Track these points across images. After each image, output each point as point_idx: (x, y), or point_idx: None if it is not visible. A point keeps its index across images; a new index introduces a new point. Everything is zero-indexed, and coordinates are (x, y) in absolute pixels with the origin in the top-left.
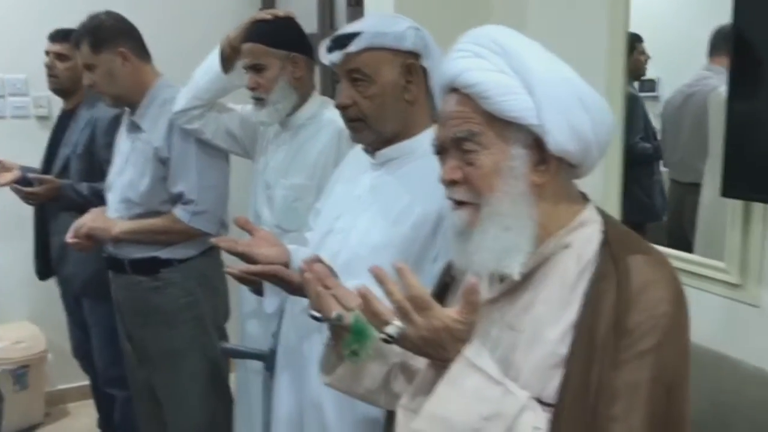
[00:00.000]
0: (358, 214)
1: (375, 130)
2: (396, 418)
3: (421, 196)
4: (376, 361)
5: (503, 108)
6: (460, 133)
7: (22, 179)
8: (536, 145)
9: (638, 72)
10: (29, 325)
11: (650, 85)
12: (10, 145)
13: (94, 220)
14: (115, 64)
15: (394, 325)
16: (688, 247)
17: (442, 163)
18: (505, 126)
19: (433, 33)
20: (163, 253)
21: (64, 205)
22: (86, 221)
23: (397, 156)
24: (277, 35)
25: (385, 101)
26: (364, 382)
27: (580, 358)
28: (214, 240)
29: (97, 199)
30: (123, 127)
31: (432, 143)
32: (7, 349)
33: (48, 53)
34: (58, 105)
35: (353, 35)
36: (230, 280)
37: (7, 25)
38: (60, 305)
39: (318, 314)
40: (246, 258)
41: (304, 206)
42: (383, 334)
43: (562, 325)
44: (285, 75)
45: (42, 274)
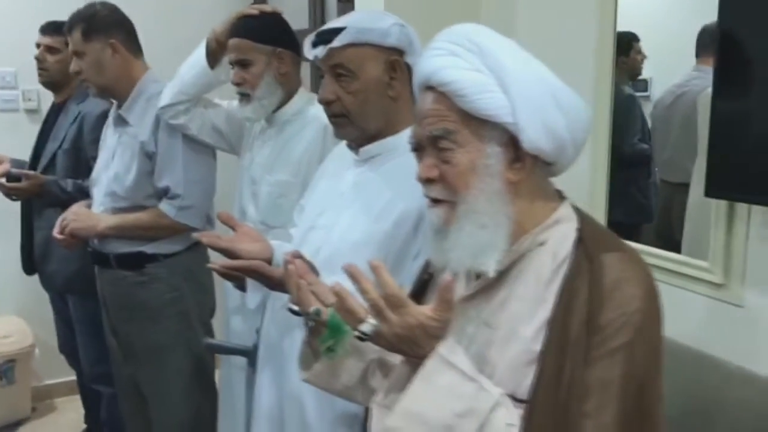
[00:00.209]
0: (340, 211)
1: (358, 126)
2: (370, 415)
3: (403, 193)
4: (353, 358)
5: (478, 106)
6: (435, 131)
7: (8, 174)
8: (511, 143)
9: (634, 72)
10: (17, 320)
11: (643, 85)
12: None
13: (77, 219)
14: (104, 54)
15: (369, 323)
16: (676, 247)
17: (419, 161)
18: (480, 124)
19: (422, 31)
20: (148, 248)
21: (48, 201)
22: (69, 219)
23: (380, 152)
24: (263, 31)
25: (369, 97)
26: (341, 378)
27: (552, 355)
28: (197, 235)
29: (82, 196)
30: (110, 121)
31: (409, 141)
32: None
33: (38, 46)
34: (48, 98)
35: (337, 30)
36: (216, 276)
37: None
38: (48, 300)
39: (296, 308)
40: (228, 253)
41: (288, 202)
42: (357, 332)
43: (536, 322)
44: (271, 71)
45: (28, 269)
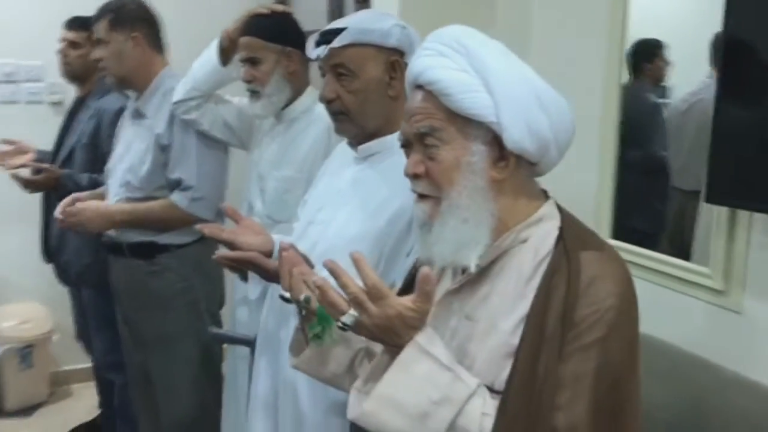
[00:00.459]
0: (338, 207)
1: (357, 124)
2: (348, 400)
3: (400, 191)
4: (341, 346)
5: (463, 105)
6: (422, 128)
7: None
8: (496, 142)
9: (658, 79)
10: (37, 306)
11: (664, 92)
12: (23, 129)
13: (90, 220)
14: (125, 46)
15: (350, 315)
16: (687, 255)
17: (407, 157)
18: (465, 123)
19: None
20: (160, 239)
21: (63, 194)
22: (81, 212)
23: (379, 150)
24: (273, 30)
25: (368, 96)
26: (329, 366)
27: (528, 349)
28: (200, 226)
29: None
30: (126, 114)
31: (398, 137)
32: (14, 328)
33: (62, 40)
34: (72, 92)
35: (339, 30)
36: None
37: (24, 12)
38: (68, 289)
39: (287, 295)
40: (230, 245)
41: (293, 198)
42: (339, 323)
43: (515, 317)
44: (280, 69)
45: (48, 257)
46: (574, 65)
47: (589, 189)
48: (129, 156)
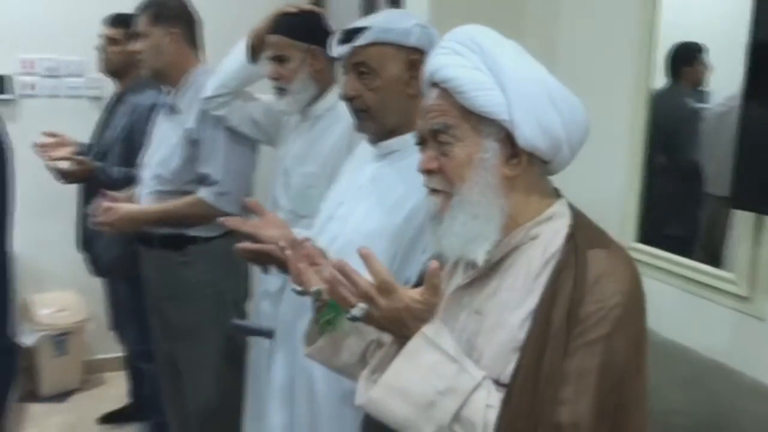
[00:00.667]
0: (357, 203)
1: (377, 122)
2: (357, 388)
3: (417, 188)
4: (354, 337)
5: (476, 103)
6: (436, 125)
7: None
8: (508, 140)
9: (697, 83)
10: (72, 295)
11: (702, 97)
12: (65, 122)
13: (119, 221)
14: (164, 41)
15: (359, 307)
16: (717, 261)
17: (422, 153)
18: (479, 120)
19: None
20: (190, 231)
21: (96, 186)
22: (112, 220)
23: (398, 148)
24: (300, 29)
25: (388, 94)
26: (342, 356)
27: (534, 344)
28: (223, 219)
29: (130, 185)
30: (161, 109)
31: (414, 134)
32: (50, 315)
33: (102, 36)
34: (111, 87)
35: (361, 29)
36: None
37: (66, 9)
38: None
39: (300, 288)
40: (252, 237)
41: (317, 193)
42: (349, 316)
43: (522, 312)
44: (306, 67)
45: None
46: (603, 70)
47: (615, 193)
48: (161, 150)
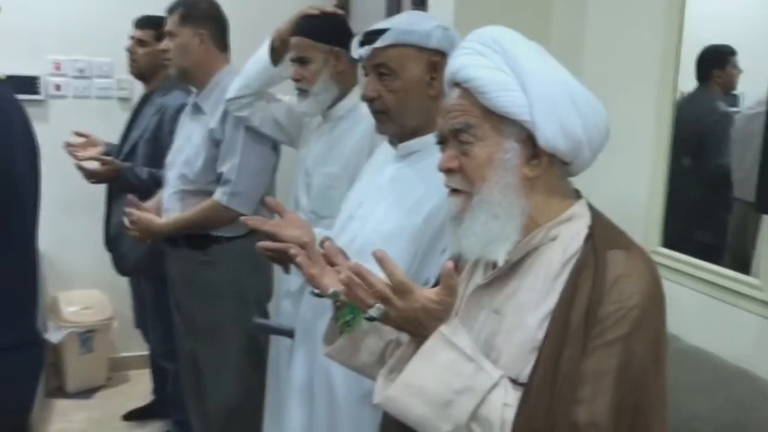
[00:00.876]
0: (377, 203)
1: (398, 123)
2: (375, 385)
3: (437, 189)
4: (373, 337)
5: (498, 103)
6: (457, 124)
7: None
8: (529, 140)
9: (728, 87)
10: (99, 294)
11: (733, 101)
12: (94, 123)
13: (142, 231)
14: (192, 41)
15: (376, 308)
16: (746, 267)
17: (442, 152)
18: (500, 120)
19: None
20: (214, 231)
21: (123, 187)
22: (137, 230)
23: (418, 149)
24: (322, 30)
25: (409, 96)
26: (361, 355)
27: (552, 344)
28: (244, 218)
29: (155, 185)
30: (187, 109)
31: (435, 134)
32: (77, 313)
33: (131, 38)
34: (140, 88)
35: (382, 31)
36: None
37: (96, 11)
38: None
39: (317, 291)
40: (272, 237)
41: (337, 194)
42: (367, 316)
43: (541, 312)
44: (328, 68)
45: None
46: (629, 72)
47: (641, 196)
48: (187, 149)
